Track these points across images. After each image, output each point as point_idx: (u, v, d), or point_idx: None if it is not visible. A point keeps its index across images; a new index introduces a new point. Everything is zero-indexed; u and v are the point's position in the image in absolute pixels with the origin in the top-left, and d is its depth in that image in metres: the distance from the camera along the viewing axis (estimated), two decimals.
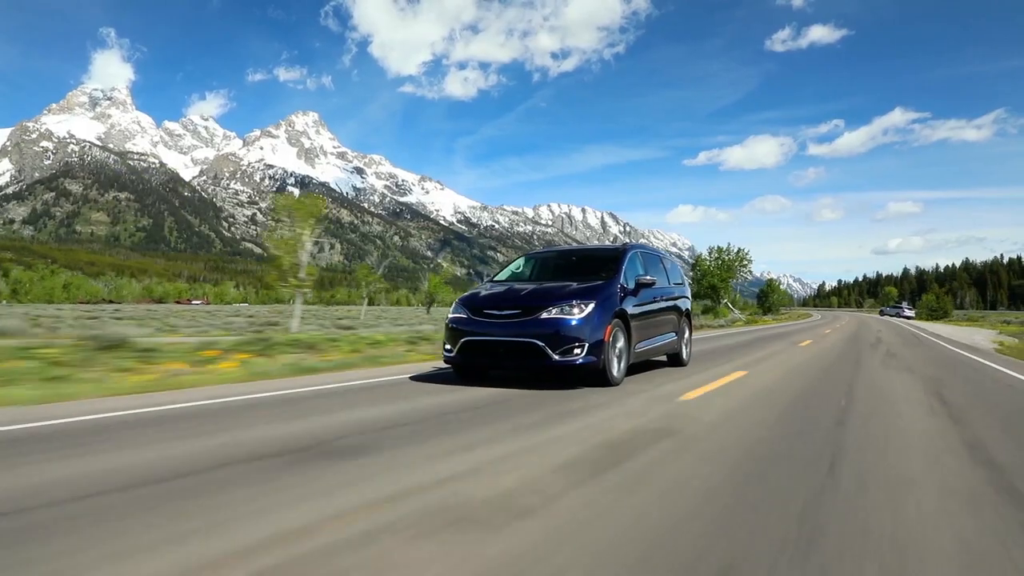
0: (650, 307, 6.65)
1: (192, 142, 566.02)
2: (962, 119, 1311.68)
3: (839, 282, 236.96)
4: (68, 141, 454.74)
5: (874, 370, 7.84)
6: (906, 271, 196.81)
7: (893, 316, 62.92)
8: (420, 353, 8.85)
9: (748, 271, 46.24)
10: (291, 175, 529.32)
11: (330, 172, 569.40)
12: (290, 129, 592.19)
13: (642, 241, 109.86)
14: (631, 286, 6.19)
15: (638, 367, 7.02)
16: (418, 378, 6.18)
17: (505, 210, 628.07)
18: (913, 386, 6.24)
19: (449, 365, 5.89)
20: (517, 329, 5.30)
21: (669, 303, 7.37)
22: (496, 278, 7.02)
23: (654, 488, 2.49)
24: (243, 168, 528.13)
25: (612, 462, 2.86)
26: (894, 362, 9.23)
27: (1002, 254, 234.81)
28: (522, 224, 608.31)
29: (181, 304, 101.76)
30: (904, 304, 78.92)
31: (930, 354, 11.53)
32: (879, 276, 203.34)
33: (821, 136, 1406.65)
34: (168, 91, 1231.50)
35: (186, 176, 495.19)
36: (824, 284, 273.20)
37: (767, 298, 65.45)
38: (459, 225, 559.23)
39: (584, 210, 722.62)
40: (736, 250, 45.27)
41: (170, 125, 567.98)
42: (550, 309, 5.29)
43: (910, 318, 58.19)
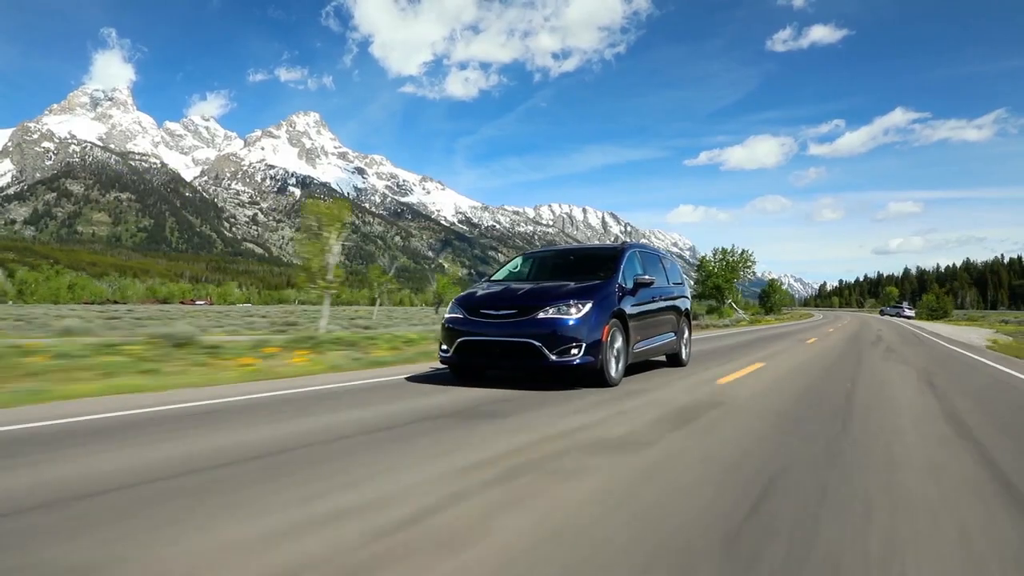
0: (649, 307, 6.62)
1: (193, 142, 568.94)
2: (962, 119, 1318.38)
3: (840, 282, 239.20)
4: (69, 141, 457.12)
5: (875, 363, 8.95)
6: (907, 271, 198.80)
7: (893, 316, 64.08)
8: None
9: (752, 272, 47.40)
10: (292, 175, 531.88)
11: (331, 172, 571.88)
12: (291, 129, 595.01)
13: (642, 241, 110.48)
14: (629, 286, 6.18)
15: (636, 367, 7.02)
16: None
17: (506, 210, 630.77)
18: (908, 374, 7.35)
19: (445, 365, 5.89)
20: (513, 329, 5.29)
21: (668, 303, 7.34)
22: (493, 278, 7.00)
23: (722, 434, 3.59)
24: (244, 168, 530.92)
25: (685, 420, 3.96)
26: (893, 356, 10.35)
27: (1003, 254, 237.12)
28: (523, 224, 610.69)
29: (186, 304, 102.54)
30: (904, 304, 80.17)
31: (926, 350, 12.64)
32: (880, 276, 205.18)
33: (822, 136, 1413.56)
34: (169, 91, 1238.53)
35: (187, 176, 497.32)
36: (825, 284, 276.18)
37: (769, 298, 66.35)
38: (460, 225, 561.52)
39: (585, 210, 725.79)
40: (740, 252, 46.49)
41: (171, 125, 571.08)
42: (547, 309, 5.29)
43: (910, 318, 59.33)
